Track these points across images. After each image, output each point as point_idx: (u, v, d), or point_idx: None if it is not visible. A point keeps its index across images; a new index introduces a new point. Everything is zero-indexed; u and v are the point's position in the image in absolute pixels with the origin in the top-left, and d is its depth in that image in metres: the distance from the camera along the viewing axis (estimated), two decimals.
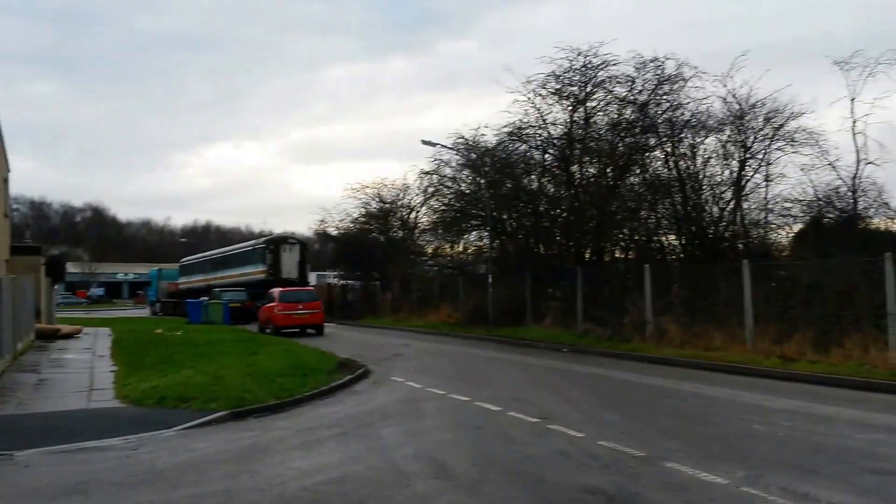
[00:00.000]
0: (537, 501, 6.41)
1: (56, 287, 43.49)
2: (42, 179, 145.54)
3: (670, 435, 9.14)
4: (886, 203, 21.73)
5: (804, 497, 6.39)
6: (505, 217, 30.90)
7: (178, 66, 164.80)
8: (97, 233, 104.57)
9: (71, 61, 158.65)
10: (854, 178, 22.00)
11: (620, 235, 27.09)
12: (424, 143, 30.35)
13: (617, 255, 27.96)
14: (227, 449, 8.91)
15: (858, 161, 21.78)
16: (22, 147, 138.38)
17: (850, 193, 22.26)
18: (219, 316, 36.55)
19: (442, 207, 35.48)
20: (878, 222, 22.43)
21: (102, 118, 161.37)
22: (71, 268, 68.98)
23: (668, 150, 25.21)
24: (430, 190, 37.58)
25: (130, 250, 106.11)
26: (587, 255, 26.95)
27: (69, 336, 27.63)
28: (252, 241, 47.62)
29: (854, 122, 21.63)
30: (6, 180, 28.75)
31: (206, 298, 39.99)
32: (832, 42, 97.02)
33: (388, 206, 44.81)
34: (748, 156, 24.06)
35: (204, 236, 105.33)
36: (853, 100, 21.59)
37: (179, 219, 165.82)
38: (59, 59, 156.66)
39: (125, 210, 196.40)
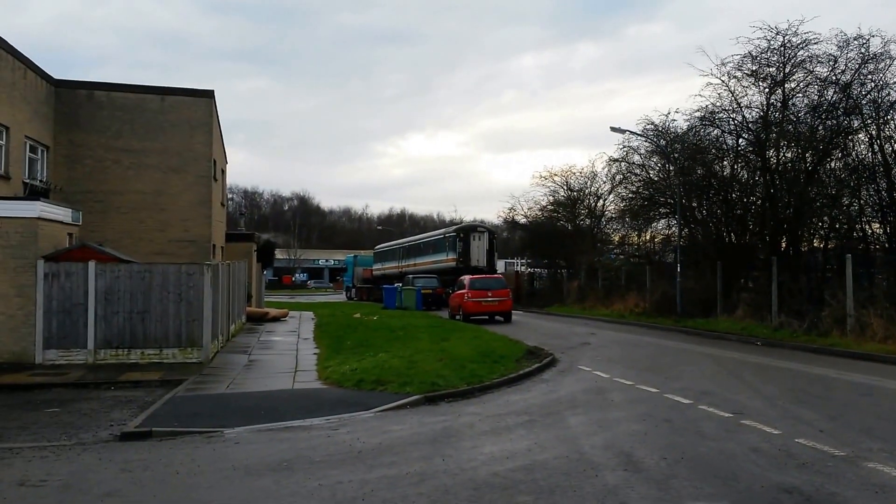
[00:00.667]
0: (731, 499, 6.34)
1: (265, 273, 47.47)
2: (254, 170, 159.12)
3: (872, 434, 8.68)
4: None
5: None
6: (694, 205, 30.01)
7: (377, 60, 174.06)
8: (302, 221, 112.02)
9: (281, 58, 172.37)
10: None
11: (819, 224, 25.44)
12: (613, 129, 30.00)
13: (815, 245, 26.25)
14: (420, 432, 9.36)
15: None
16: (237, 139, 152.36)
17: None
18: (412, 302, 38.27)
19: (630, 195, 35.17)
20: None
21: (309, 111, 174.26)
22: (278, 254, 74.75)
23: (873, 132, 23.57)
24: (618, 177, 37.31)
25: (332, 237, 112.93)
26: (783, 245, 25.55)
27: (276, 319, 30.08)
28: (443, 230, 49.18)
29: None
30: (224, 171, 31.73)
31: (399, 284, 41.94)
32: None
33: (575, 193, 44.96)
34: None
35: (399, 224, 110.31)
36: None
37: (376, 207, 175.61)
38: (270, 56, 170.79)
39: (328, 199, 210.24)
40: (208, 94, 25.92)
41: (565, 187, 45.14)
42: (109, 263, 16.90)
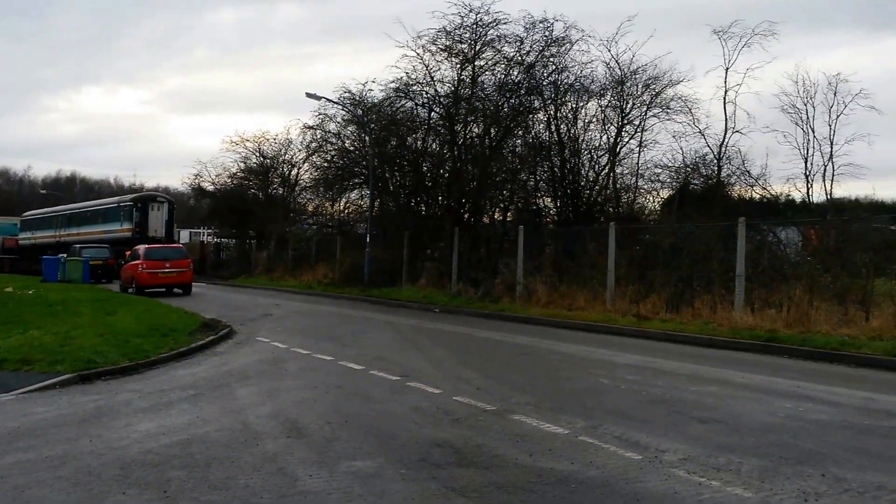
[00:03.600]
0: (387, 456, 6.43)
1: None
2: None
3: (522, 390, 9.42)
4: (748, 171, 23.04)
5: (636, 444, 6.74)
6: (388, 176, 30.61)
7: (49, 1, 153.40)
8: None
9: None
10: (721, 146, 23.28)
11: (500, 196, 27.45)
12: (309, 95, 29.49)
13: (496, 217, 28.39)
14: (69, 413, 8.47)
15: (726, 130, 23.09)
16: None
17: (715, 161, 23.46)
18: (78, 274, 34.59)
19: (324, 164, 34.75)
20: (739, 189, 23.75)
21: None
22: None
23: (552, 112, 25.70)
24: (313, 146, 36.67)
25: None
26: (466, 217, 27.18)
27: None
28: (117, 198, 45.73)
29: (726, 91, 22.97)
30: None
31: (63, 255, 37.86)
32: (715, 10, 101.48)
33: (268, 161, 43.74)
34: (625, 122, 25.01)
35: (68, 188, 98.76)
36: (727, 69, 22.96)
37: (42, 168, 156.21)
38: None
39: None
40: None
41: (258, 154, 43.81)
42: None
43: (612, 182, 25.75)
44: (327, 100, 30.59)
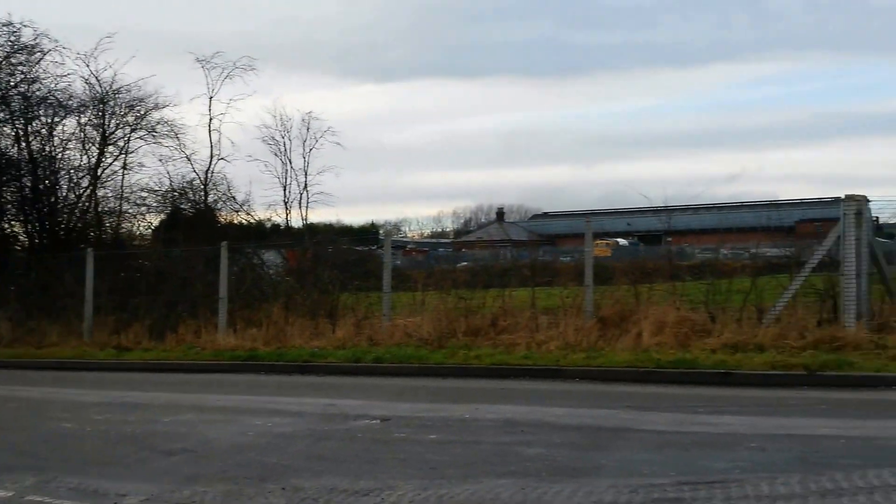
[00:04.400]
0: None
1: None
2: None
3: None
4: (233, 197, 24.16)
5: (94, 494, 6.05)
6: None
7: None
8: None
9: None
10: (207, 171, 23.88)
11: None
12: None
13: None
14: None
15: (212, 156, 23.74)
16: None
17: (202, 187, 23.92)
18: None
19: None
20: (226, 214, 24.63)
21: None
22: None
23: (21, 127, 23.22)
24: None
25: None
26: None
27: None
28: None
29: (211, 119, 23.59)
30: None
31: None
32: (198, 39, 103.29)
33: None
34: (108, 142, 23.91)
35: None
36: (211, 98, 23.60)
37: None
38: None
39: None
40: None
41: None
42: None
43: (94, 205, 24.30)
44: None
